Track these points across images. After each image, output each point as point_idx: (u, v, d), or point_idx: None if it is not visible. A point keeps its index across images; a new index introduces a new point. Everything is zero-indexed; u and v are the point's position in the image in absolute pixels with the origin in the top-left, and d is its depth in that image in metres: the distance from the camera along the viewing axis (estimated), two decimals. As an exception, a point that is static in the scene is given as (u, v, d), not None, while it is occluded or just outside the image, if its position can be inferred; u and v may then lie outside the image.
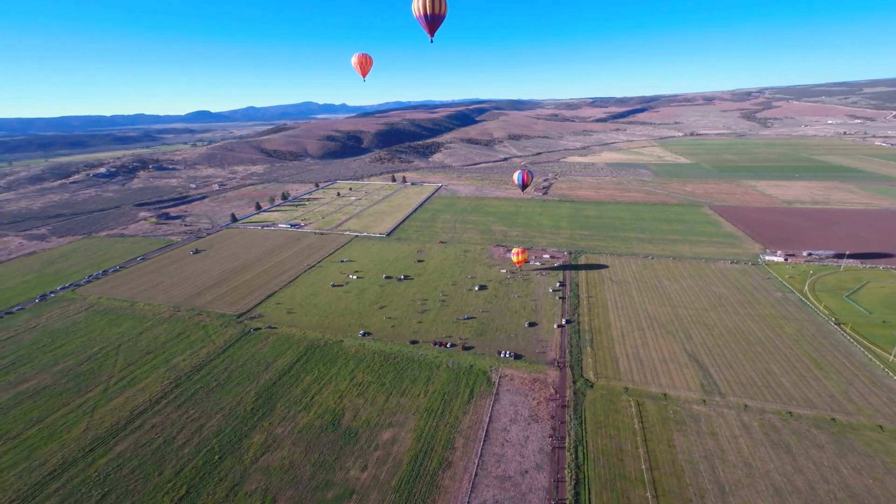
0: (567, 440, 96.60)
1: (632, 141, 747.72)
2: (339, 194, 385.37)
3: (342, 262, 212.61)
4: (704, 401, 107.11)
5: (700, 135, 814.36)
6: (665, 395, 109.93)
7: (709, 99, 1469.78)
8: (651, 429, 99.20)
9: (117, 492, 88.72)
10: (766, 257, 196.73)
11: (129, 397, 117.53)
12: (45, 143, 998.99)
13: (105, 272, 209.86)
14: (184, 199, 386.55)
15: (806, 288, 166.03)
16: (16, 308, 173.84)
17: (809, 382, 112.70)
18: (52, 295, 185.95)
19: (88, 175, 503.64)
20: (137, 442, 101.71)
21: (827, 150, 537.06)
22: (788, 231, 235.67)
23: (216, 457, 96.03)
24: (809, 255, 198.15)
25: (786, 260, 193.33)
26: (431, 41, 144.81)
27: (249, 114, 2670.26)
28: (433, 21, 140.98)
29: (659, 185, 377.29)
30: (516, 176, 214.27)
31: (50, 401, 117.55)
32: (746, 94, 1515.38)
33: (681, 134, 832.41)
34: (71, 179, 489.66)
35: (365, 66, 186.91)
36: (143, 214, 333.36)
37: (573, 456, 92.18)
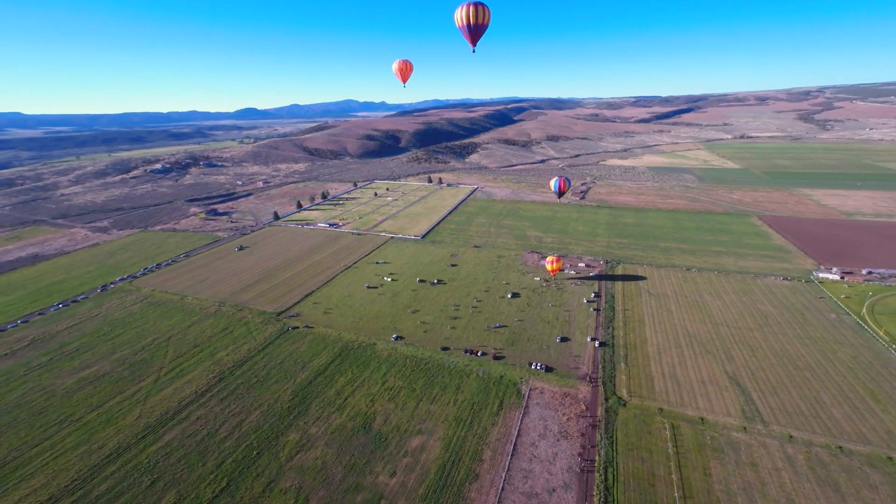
0: (597, 460, 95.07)
1: (676, 143, 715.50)
2: (376, 194, 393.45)
3: (377, 263, 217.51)
4: (745, 428, 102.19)
5: (751, 137, 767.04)
6: (702, 419, 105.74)
7: (762, 99, 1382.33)
8: (686, 454, 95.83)
9: (165, 479, 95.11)
10: (820, 274, 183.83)
11: (177, 388, 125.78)
12: (108, 138, 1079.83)
13: (158, 265, 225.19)
14: (230, 196, 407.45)
15: (864, 310, 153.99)
16: (81, 297, 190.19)
17: (864, 415, 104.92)
18: (112, 286, 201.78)
19: (146, 171, 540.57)
20: (184, 432, 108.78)
21: (895, 157, 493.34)
22: (847, 246, 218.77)
23: (254, 452, 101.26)
24: (870, 273, 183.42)
25: (842, 278, 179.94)
26: (473, 51, 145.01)
27: (293, 111, 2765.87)
28: (476, 31, 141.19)
29: (703, 192, 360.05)
30: (553, 183, 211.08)
31: (108, 387, 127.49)
32: (804, 94, 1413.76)
33: (730, 136, 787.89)
34: (130, 175, 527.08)
35: (405, 72, 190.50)
36: (193, 210, 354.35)
37: (602, 477, 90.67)
